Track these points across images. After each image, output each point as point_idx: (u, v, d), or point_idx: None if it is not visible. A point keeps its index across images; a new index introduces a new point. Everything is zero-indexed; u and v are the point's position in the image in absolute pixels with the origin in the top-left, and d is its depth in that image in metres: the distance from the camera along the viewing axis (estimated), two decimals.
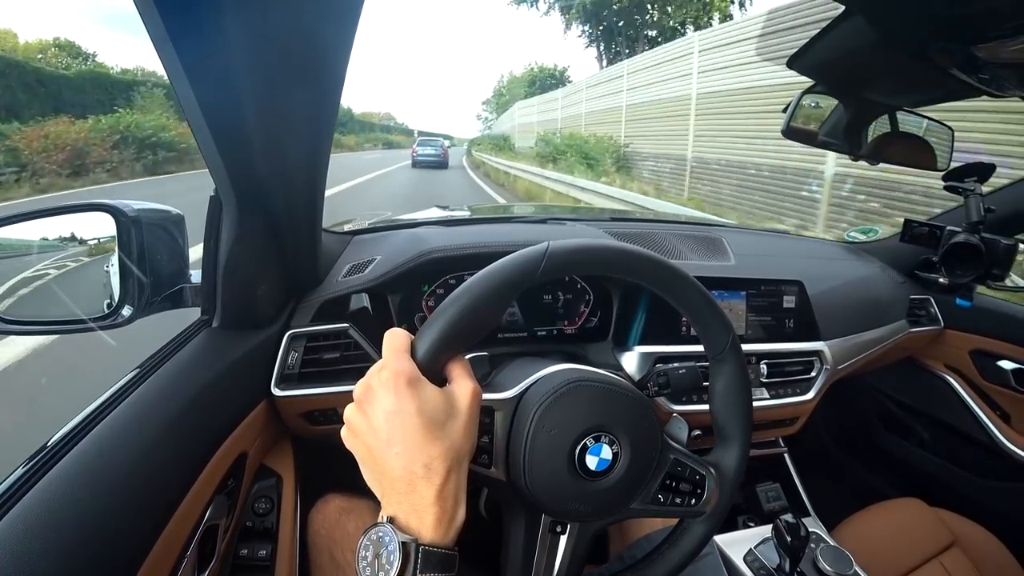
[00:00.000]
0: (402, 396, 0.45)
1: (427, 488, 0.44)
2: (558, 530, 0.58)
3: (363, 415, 0.47)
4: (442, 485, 0.44)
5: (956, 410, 1.39)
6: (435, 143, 23.17)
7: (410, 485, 0.44)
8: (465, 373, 0.50)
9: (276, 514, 0.89)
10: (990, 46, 0.63)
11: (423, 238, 1.00)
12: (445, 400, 0.47)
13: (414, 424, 0.44)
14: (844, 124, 1.04)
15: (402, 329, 0.51)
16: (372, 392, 0.47)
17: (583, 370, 0.58)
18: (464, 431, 0.47)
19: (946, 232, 1.20)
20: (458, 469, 0.46)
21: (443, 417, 0.46)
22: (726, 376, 0.61)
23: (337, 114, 0.64)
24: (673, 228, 1.30)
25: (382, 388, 0.46)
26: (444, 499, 0.44)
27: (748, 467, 0.63)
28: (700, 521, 0.61)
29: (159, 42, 0.47)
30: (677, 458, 0.59)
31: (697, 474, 0.60)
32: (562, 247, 0.53)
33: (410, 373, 0.46)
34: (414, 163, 22.21)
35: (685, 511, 0.60)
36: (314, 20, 0.50)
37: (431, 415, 0.45)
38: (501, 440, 0.54)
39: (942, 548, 1.08)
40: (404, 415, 0.45)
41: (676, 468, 0.59)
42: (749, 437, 0.62)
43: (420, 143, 23.31)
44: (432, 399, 0.46)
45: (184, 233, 0.81)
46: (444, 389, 0.48)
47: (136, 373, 0.72)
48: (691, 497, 0.60)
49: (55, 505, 0.50)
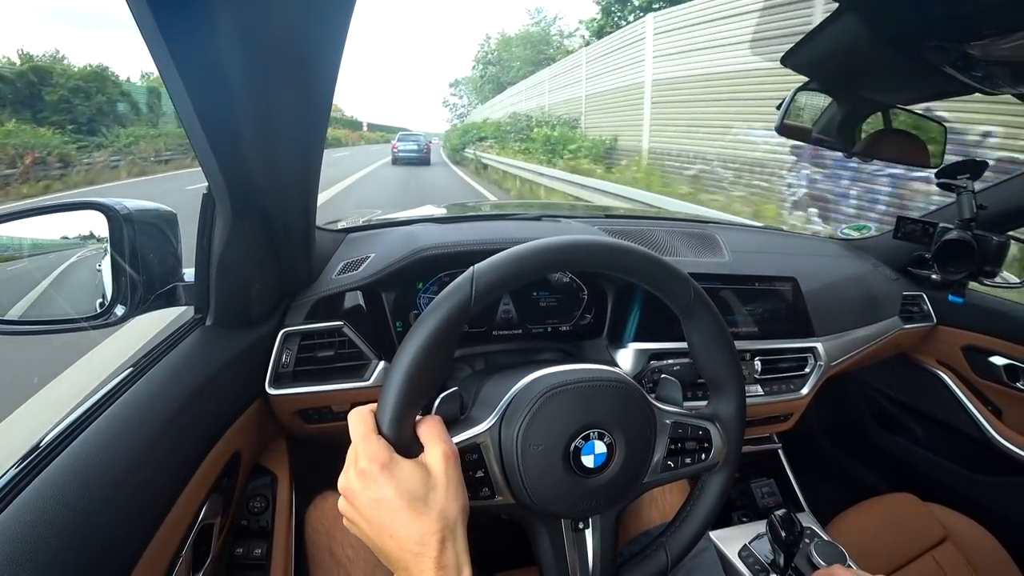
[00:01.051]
0: (379, 483, 0.46)
1: (425, 563, 0.45)
2: (580, 527, 0.59)
3: (352, 507, 0.48)
4: (438, 556, 0.45)
5: (948, 406, 1.40)
6: (417, 139, 22.33)
7: (409, 563, 0.46)
8: (435, 436, 0.50)
9: (271, 513, 0.88)
10: (983, 44, 0.63)
11: (417, 236, 1.00)
12: (422, 473, 0.48)
13: (397, 506, 0.46)
14: (838, 121, 1.05)
15: (364, 408, 0.51)
16: (352, 485, 0.48)
17: (553, 373, 0.58)
18: (448, 498, 0.48)
19: (939, 229, 1.21)
20: (452, 535, 0.47)
21: (423, 491, 0.47)
22: (700, 327, 0.60)
23: (330, 110, 0.64)
24: (667, 225, 1.30)
25: (360, 480, 0.47)
26: (444, 568, 0.45)
27: (742, 464, 0.63)
28: (716, 473, 0.62)
29: (151, 39, 0.46)
30: (676, 421, 0.60)
31: (700, 430, 0.60)
32: (487, 266, 0.52)
33: (382, 457, 0.47)
34: (394, 160, 21.40)
35: (697, 468, 0.61)
36: (306, 16, 0.50)
37: (411, 493, 0.46)
38: (496, 469, 0.55)
39: (935, 542, 1.09)
40: (385, 501, 0.46)
41: (677, 431, 0.60)
42: (741, 380, 0.62)
43: (401, 138, 22.62)
44: (408, 477, 0.47)
45: (177, 231, 0.81)
46: (419, 460, 0.49)
47: (129, 372, 0.71)
48: (700, 453, 0.60)
49: (48, 506, 0.50)
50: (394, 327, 0.96)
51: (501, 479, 0.55)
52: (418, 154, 21.20)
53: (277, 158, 0.67)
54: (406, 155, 21.17)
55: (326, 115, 0.64)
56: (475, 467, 0.54)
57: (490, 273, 0.52)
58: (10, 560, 0.45)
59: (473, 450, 0.54)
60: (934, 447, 1.47)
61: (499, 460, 0.55)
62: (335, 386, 0.90)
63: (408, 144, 21.62)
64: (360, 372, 0.92)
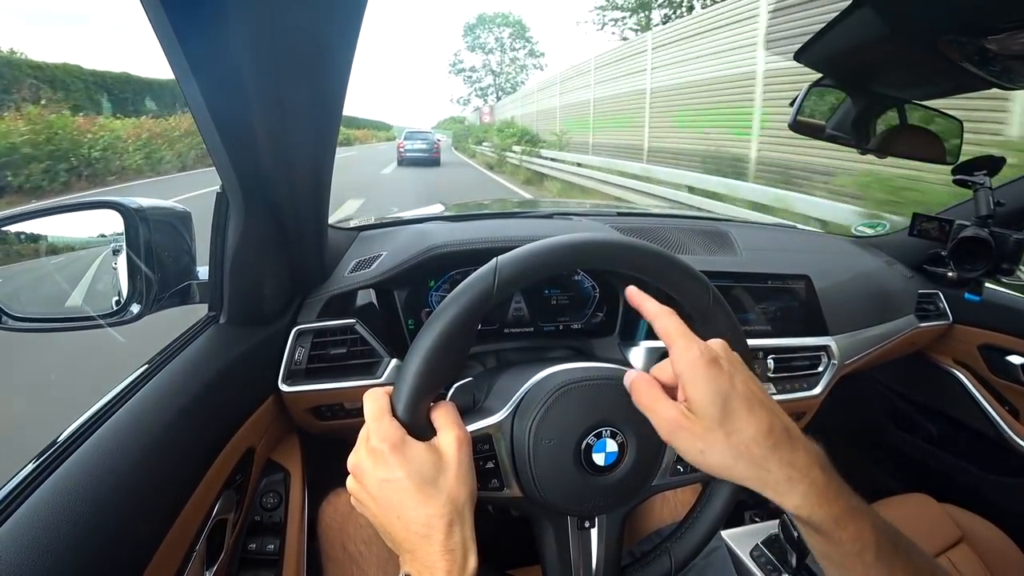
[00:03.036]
0: (390, 463, 0.46)
1: (431, 545, 0.45)
2: (587, 525, 0.59)
3: (360, 486, 0.48)
4: (445, 540, 0.45)
5: (965, 405, 1.38)
6: (426, 137, 20.49)
7: (415, 545, 0.46)
8: (449, 421, 0.50)
9: (284, 509, 0.89)
10: (1001, 38, 0.62)
11: (429, 234, 1.00)
12: (433, 456, 0.47)
13: (406, 487, 0.46)
14: (852, 117, 1.04)
15: (379, 390, 0.51)
16: (362, 464, 0.48)
17: (568, 370, 0.58)
18: (457, 482, 0.47)
19: (955, 226, 1.19)
20: (460, 520, 0.47)
21: (433, 474, 0.47)
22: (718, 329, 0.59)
23: (343, 109, 0.64)
24: (679, 223, 1.29)
25: (370, 458, 0.47)
26: (451, 551, 0.45)
27: None
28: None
29: (165, 39, 0.47)
30: None
31: None
32: (511, 259, 0.52)
33: (393, 437, 0.47)
34: (400, 160, 19.50)
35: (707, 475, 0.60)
36: (319, 15, 0.50)
37: (421, 475, 0.46)
38: (507, 461, 0.55)
39: (950, 544, 1.07)
40: (395, 481, 0.46)
41: None
42: None
43: (408, 136, 20.47)
44: (420, 459, 0.47)
45: (191, 229, 0.82)
46: (431, 444, 0.48)
47: (145, 369, 0.72)
48: None
49: (66, 500, 0.51)
50: (406, 325, 0.96)
51: (511, 471, 0.55)
52: (427, 154, 19.40)
53: (290, 157, 0.68)
54: (414, 155, 19.37)
55: (339, 113, 0.65)
56: (486, 458, 0.54)
57: (513, 265, 0.52)
58: (28, 552, 0.45)
59: (485, 440, 0.54)
60: (950, 447, 1.45)
61: (510, 452, 0.55)
62: (347, 383, 0.90)
63: (416, 143, 19.76)
64: (372, 370, 0.92)
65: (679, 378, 0.45)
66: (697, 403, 0.44)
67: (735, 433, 0.43)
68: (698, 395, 0.44)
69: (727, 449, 0.43)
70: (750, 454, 0.43)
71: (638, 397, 0.47)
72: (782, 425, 0.44)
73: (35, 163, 10.53)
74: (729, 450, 0.43)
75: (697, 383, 0.44)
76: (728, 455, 0.43)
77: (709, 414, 0.43)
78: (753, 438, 0.43)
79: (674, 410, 0.45)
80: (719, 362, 0.45)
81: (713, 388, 0.43)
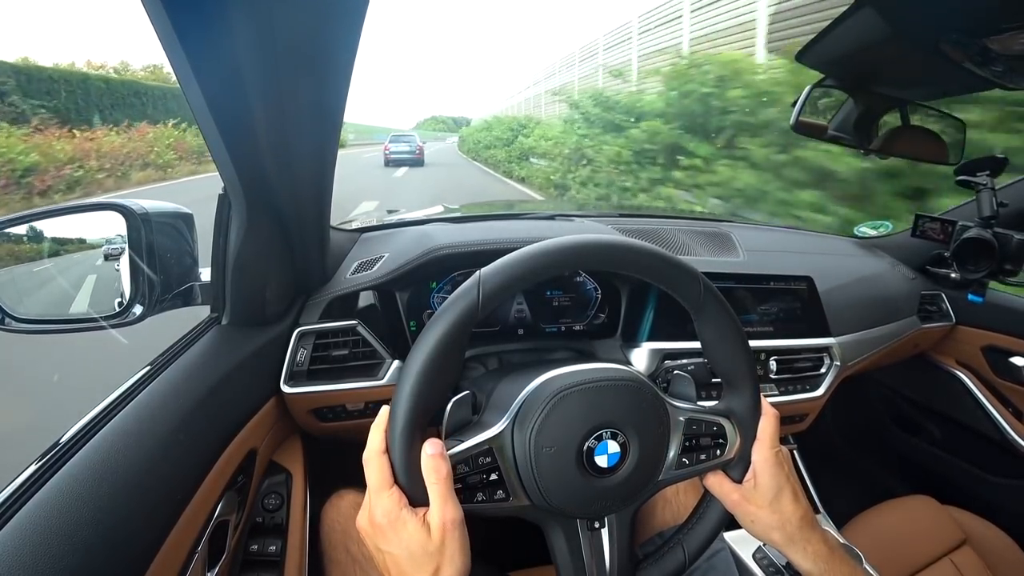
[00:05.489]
0: (388, 539, 0.50)
1: None
2: (596, 526, 0.59)
3: (368, 546, 0.53)
4: None
5: (968, 407, 1.38)
6: (409, 139, 21.45)
7: None
8: (442, 497, 0.51)
9: (286, 510, 0.89)
10: (1003, 38, 0.62)
11: (431, 235, 1.00)
12: (422, 537, 0.50)
13: (400, 558, 0.50)
14: (854, 118, 1.03)
15: (378, 456, 0.52)
16: (366, 530, 0.52)
17: (564, 374, 0.58)
18: (451, 557, 0.50)
19: (958, 227, 1.19)
20: None
21: (422, 552, 0.49)
22: (712, 323, 0.60)
23: (344, 110, 0.64)
24: (681, 224, 1.29)
25: (371, 528, 0.51)
26: None
27: None
28: (732, 468, 0.62)
29: (166, 40, 0.47)
30: (690, 417, 0.59)
31: (714, 426, 0.60)
32: (493, 270, 0.52)
33: (391, 514, 0.50)
34: (387, 162, 20.38)
35: (713, 464, 0.61)
36: (321, 17, 0.50)
37: (411, 552, 0.50)
38: (510, 471, 0.55)
39: (953, 546, 1.07)
40: (392, 555, 0.50)
41: (692, 427, 0.59)
42: (754, 374, 0.62)
43: (393, 139, 21.51)
44: (411, 538, 0.49)
45: (193, 231, 0.82)
46: (424, 520, 0.50)
47: (147, 371, 0.72)
48: (715, 449, 0.60)
49: (68, 501, 0.51)
50: (408, 326, 0.96)
51: (516, 481, 0.55)
52: (410, 155, 20.44)
53: (292, 158, 0.68)
54: (398, 156, 20.40)
55: (340, 115, 0.65)
56: (489, 470, 0.54)
57: (496, 277, 0.51)
58: (32, 552, 0.45)
59: (487, 453, 0.54)
60: (953, 449, 1.45)
61: (513, 462, 0.55)
62: (349, 385, 0.90)
63: (400, 145, 20.84)
64: (374, 371, 0.92)
65: (754, 465, 0.61)
66: (761, 486, 0.60)
67: (779, 512, 0.60)
68: (763, 481, 0.60)
69: (772, 523, 0.60)
70: (784, 529, 0.60)
71: (710, 485, 0.63)
72: (809, 511, 0.62)
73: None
74: (772, 523, 0.60)
75: (766, 473, 0.60)
76: (771, 526, 0.60)
77: (766, 496, 0.60)
78: (789, 519, 0.60)
79: (736, 493, 0.61)
80: (783, 465, 0.61)
81: (775, 482, 0.60)
